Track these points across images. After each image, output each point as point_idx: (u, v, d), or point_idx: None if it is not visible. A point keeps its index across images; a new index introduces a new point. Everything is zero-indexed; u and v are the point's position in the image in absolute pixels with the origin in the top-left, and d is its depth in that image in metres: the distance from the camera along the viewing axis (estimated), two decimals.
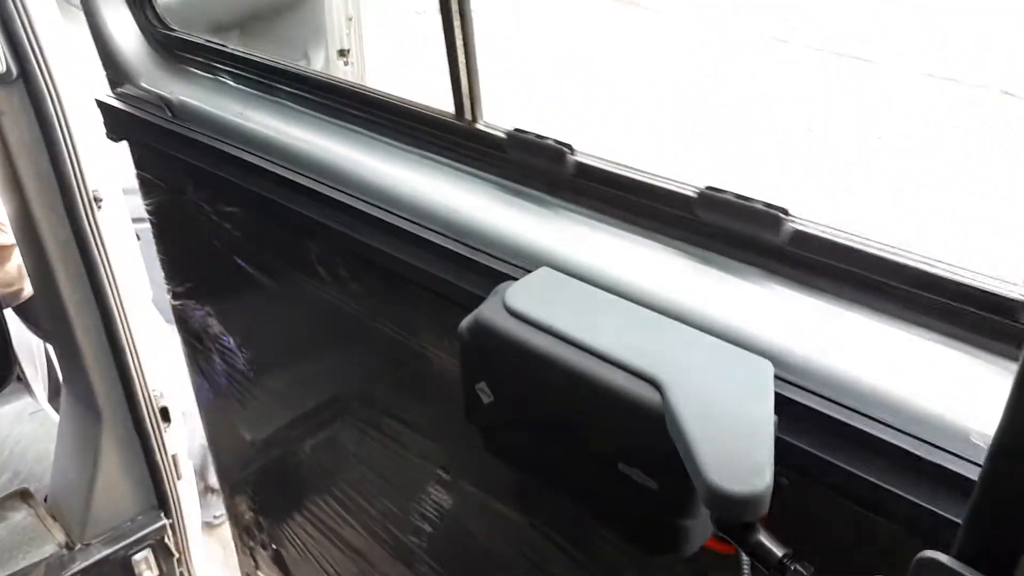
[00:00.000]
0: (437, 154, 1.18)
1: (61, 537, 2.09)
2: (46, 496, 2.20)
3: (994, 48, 4.90)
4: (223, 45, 1.48)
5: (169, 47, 1.56)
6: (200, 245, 1.65)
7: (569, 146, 1.01)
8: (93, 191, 1.74)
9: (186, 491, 2.21)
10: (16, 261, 2.22)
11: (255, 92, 1.45)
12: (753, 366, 0.75)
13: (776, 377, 0.74)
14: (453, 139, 1.15)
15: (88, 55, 1.65)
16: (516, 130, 1.06)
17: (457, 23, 1.02)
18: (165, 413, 2.07)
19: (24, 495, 2.18)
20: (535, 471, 1.00)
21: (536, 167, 1.04)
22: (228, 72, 1.49)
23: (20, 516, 2.11)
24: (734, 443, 0.68)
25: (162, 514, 2.20)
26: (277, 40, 2.24)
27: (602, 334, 0.84)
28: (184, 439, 2.20)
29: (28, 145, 1.64)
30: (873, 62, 5.10)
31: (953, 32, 5.11)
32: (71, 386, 2.06)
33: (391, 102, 1.23)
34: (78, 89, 1.71)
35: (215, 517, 2.99)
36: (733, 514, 0.67)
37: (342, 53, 2.37)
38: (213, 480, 2.91)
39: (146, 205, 1.75)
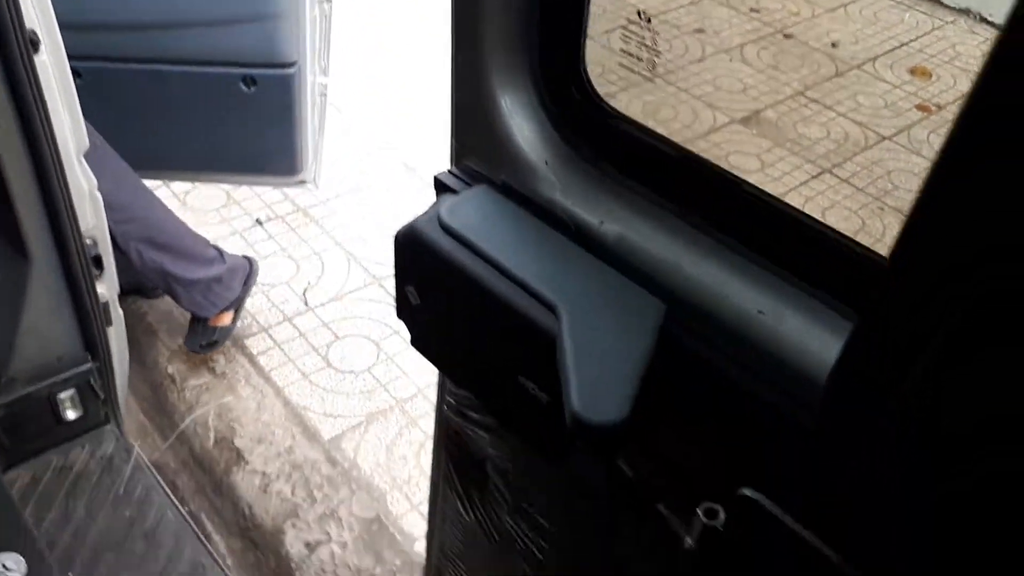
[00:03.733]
0: None
1: None
2: None
3: None
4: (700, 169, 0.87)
5: (590, 137, 0.94)
6: None
7: None
8: (30, 31, 1.69)
9: (115, 337, 2.26)
10: None
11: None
12: (647, 304, 0.84)
13: (670, 319, 0.82)
14: None
15: None
16: None
17: None
18: (98, 261, 2.09)
19: None
20: (451, 372, 1.09)
21: None
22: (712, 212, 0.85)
23: None
24: (605, 375, 0.76)
25: (89, 357, 2.25)
26: None
27: (516, 257, 0.91)
28: (115, 288, 2.24)
29: None
30: None
31: None
32: (1, 227, 2.05)
33: None
34: None
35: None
36: (588, 440, 0.76)
37: None
38: None
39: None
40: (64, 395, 2.23)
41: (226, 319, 3.05)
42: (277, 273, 3.43)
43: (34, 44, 1.69)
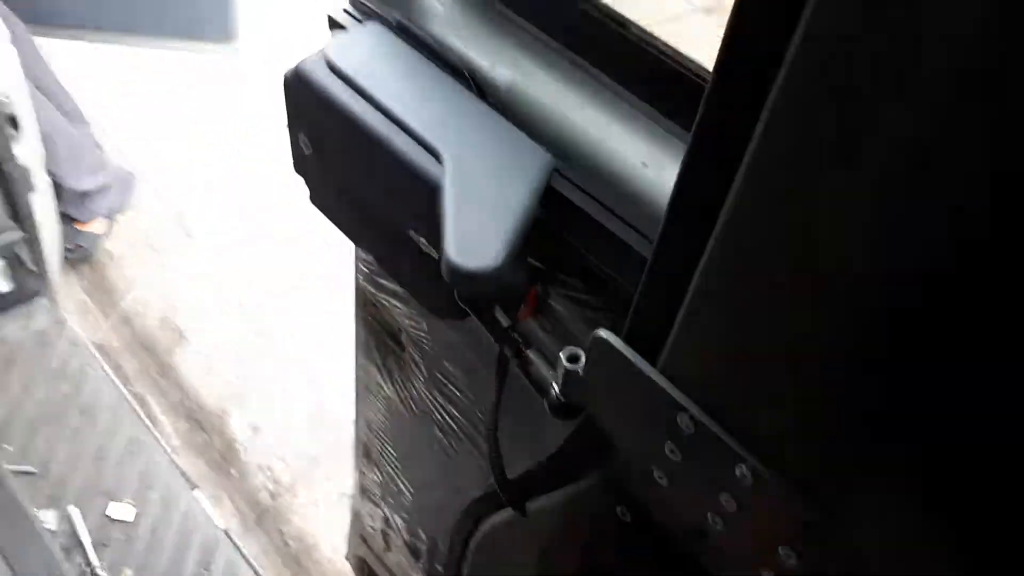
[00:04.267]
0: None
1: None
2: None
3: None
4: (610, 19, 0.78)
5: None
6: None
7: None
8: None
9: (40, 206, 2.17)
10: None
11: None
12: (534, 155, 0.77)
13: (557, 172, 0.76)
14: None
15: None
16: None
17: None
18: (13, 121, 1.97)
19: None
20: (348, 230, 1.02)
21: None
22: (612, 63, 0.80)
23: None
24: (483, 223, 0.71)
25: (17, 226, 2.16)
26: None
27: (404, 102, 0.83)
28: (37, 152, 2.12)
29: None
30: None
31: None
32: None
33: None
34: None
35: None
36: (461, 286, 0.72)
37: None
38: None
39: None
40: None
41: (98, 226, 2.89)
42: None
43: None
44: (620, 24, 0.72)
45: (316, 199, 1.05)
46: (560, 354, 0.65)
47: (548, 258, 0.79)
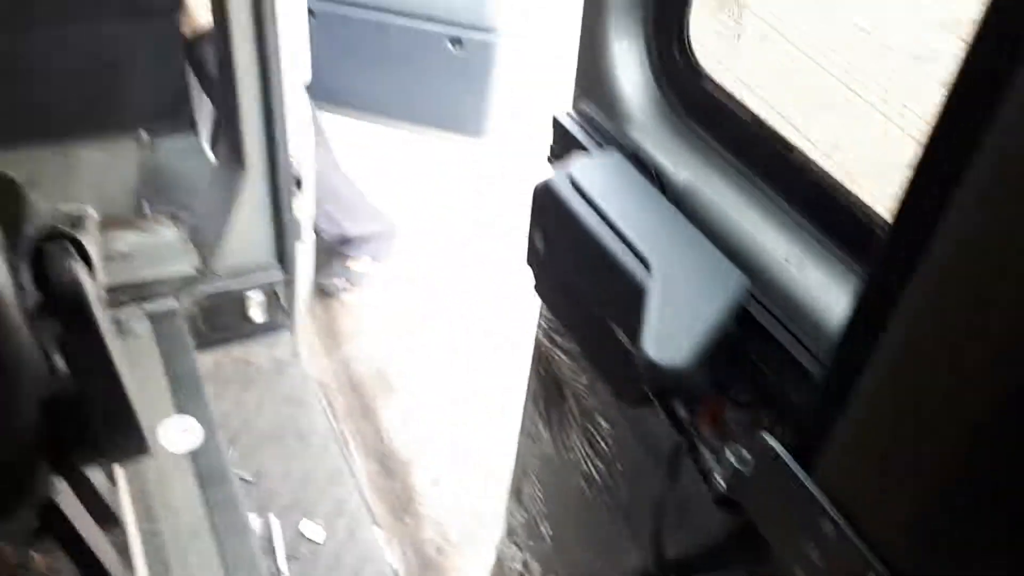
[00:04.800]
0: None
1: (195, 260, 2.46)
2: (190, 224, 2.57)
3: None
4: (772, 139, 0.94)
5: (687, 98, 1.06)
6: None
7: None
8: None
9: (302, 254, 2.53)
10: None
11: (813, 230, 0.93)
12: (730, 275, 0.90)
13: (750, 296, 0.89)
14: None
15: None
16: None
17: None
18: (299, 182, 2.35)
19: (174, 217, 2.55)
20: (561, 315, 1.18)
21: None
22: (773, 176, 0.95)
23: (168, 234, 2.48)
24: (679, 326, 0.84)
25: (280, 267, 2.54)
26: None
27: (627, 218, 0.99)
28: (311, 208, 2.50)
29: None
30: None
31: None
32: (227, 136, 2.35)
33: None
34: None
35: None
36: (651, 377, 0.83)
37: None
38: None
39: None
40: (253, 296, 2.52)
41: (363, 265, 3.27)
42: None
43: None
44: (789, 149, 0.85)
45: (540, 287, 1.22)
46: (728, 452, 0.75)
47: (730, 365, 0.90)
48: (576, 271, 1.09)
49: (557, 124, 1.19)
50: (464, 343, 3.20)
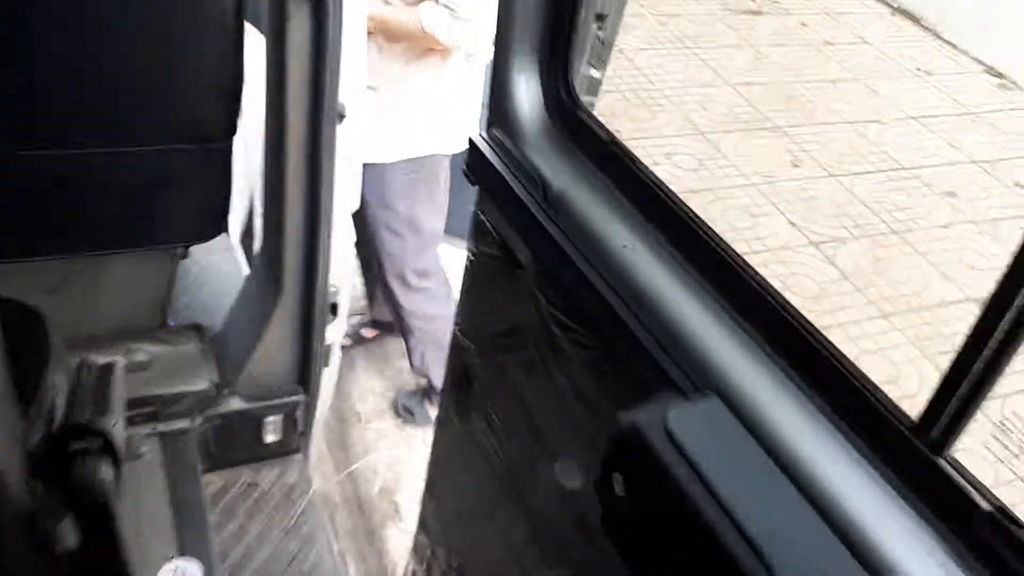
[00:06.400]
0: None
1: (215, 377, 2.33)
2: (212, 335, 2.45)
3: None
4: (626, 157, 1.21)
5: (569, 125, 1.32)
6: (507, 308, 1.45)
7: None
8: (340, 104, 1.86)
9: (326, 379, 2.40)
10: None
11: (646, 224, 1.18)
12: None
13: None
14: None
15: None
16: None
17: None
18: (334, 308, 2.24)
19: (198, 329, 2.44)
20: (635, 566, 1.04)
21: None
22: (624, 185, 1.21)
23: (190, 346, 2.36)
24: None
25: (301, 391, 2.41)
26: None
27: (739, 493, 0.85)
28: (341, 333, 2.39)
29: (301, 52, 1.76)
30: None
31: None
32: (265, 254, 2.25)
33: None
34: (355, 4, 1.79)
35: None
36: None
37: None
38: None
39: (469, 243, 1.52)
40: (270, 419, 2.39)
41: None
42: None
43: (341, 117, 1.85)
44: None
45: (608, 523, 1.08)
46: None
47: None
48: (663, 528, 0.95)
49: (473, 145, 1.42)
50: None
